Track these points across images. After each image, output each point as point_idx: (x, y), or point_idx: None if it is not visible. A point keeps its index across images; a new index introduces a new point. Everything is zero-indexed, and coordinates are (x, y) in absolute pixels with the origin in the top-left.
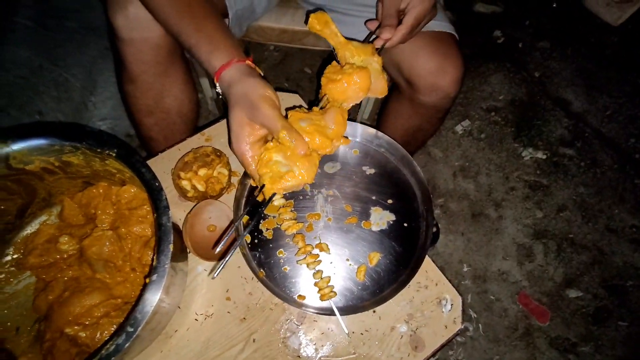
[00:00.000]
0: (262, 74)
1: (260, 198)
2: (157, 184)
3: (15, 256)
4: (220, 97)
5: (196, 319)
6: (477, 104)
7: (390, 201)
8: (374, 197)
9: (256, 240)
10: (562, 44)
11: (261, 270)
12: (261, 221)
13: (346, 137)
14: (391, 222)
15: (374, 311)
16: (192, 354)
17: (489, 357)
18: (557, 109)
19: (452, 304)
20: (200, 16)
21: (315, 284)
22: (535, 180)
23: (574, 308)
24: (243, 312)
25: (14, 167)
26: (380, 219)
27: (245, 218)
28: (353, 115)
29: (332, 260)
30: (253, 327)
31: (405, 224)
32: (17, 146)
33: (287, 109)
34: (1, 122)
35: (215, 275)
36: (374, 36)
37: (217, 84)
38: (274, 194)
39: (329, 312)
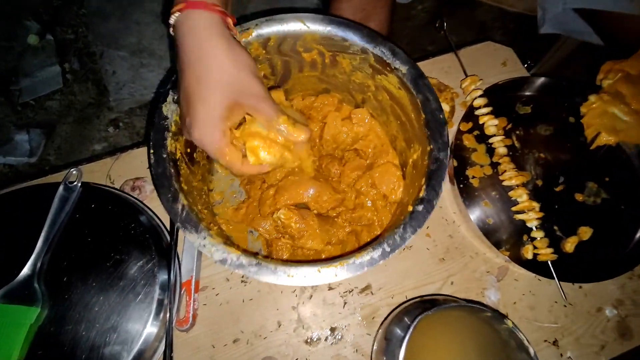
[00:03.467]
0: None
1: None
2: (441, 115)
3: None
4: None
5: None
6: None
7: (607, 178)
8: (589, 170)
9: (461, 185)
10: None
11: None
12: (467, 167)
13: None
14: (606, 200)
15: (581, 286)
16: (390, 279)
17: None
18: None
19: None
20: None
21: (534, 243)
22: None
23: None
24: (442, 253)
25: (296, 49)
26: (595, 194)
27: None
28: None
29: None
30: (451, 270)
31: (623, 207)
32: (315, 28)
33: None
34: None
35: None
36: None
37: (174, 20)
38: None
39: (538, 271)
